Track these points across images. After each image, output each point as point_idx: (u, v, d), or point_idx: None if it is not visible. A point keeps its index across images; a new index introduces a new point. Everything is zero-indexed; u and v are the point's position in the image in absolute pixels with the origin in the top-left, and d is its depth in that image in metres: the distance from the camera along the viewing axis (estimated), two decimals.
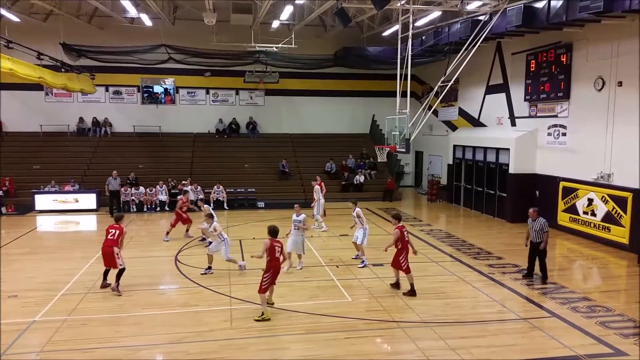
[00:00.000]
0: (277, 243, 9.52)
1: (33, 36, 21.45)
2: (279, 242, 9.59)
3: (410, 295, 10.59)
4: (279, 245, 9.52)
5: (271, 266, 9.44)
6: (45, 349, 8.12)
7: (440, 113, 26.19)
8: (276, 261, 9.49)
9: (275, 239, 9.56)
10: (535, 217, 11.50)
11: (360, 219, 13.00)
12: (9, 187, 22.36)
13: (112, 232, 11.10)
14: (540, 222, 11.37)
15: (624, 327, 9.04)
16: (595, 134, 15.78)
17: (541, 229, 11.35)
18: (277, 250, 9.45)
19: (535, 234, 11.49)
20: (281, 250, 9.54)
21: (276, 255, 9.46)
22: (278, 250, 9.47)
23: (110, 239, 11.01)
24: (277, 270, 9.57)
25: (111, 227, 11.22)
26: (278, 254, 9.48)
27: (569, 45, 16.82)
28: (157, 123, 27.48)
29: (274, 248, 9.44)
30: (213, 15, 20.12)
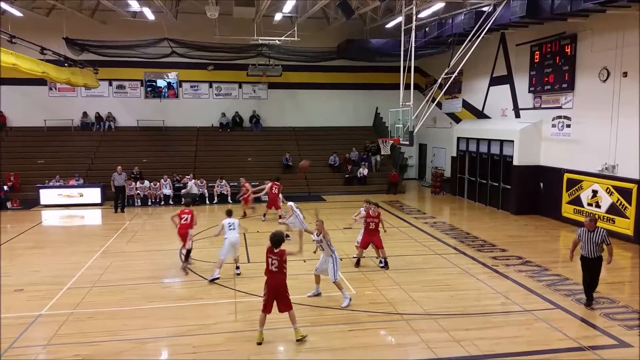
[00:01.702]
0: (272, 254, 8.11)
1: (36, 31, 21.47)
2: (278, 253, 8.10)
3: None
4: (274, 258, 8.09)
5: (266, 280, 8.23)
6: (51, 342, 8.19)
7: (444, 105, 26.11)
8: (268, 274, 8.17)
9: (275, 248, 8.10)
10: (593, 227, 9.33)
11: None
12: (14, 182, 22.46)
13: (184, 217, 12.12)
14: (601, 233, 9.23)
15: (628, 319, 9.03)
16: (600, 125, 15.70)
17: (603, 241, 9.21)
18: (270, 263, 8.11)
19: (594, 248, 9.27)
20: (279, 264, 8.04)
21: (270, 267, 8.13)
22: (273, 262, 8.08)
23: (184, 223, 12.04)
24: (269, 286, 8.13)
25: (183, 212, 12.22)
26: (273, 266, 8.08)
27: (573, 35, 16.70)
28: (160, 117, 27.51)
29: (267, 259, 8.17)
30: (215, 9, 20.08)
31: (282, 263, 8.07)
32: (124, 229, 16.99)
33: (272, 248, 8.11)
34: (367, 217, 12.01)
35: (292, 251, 8.40)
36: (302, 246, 8.77)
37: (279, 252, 8.09)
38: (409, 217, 18.91)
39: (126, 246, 14.65)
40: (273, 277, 8.13)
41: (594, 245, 9.26)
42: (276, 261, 8.07)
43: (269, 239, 8.18)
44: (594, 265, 9.39)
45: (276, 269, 8.08)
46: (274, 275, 8.12)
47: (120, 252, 13.95)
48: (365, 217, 12.04)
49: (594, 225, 9.35)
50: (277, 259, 8.07)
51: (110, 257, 13.37)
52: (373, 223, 11.98)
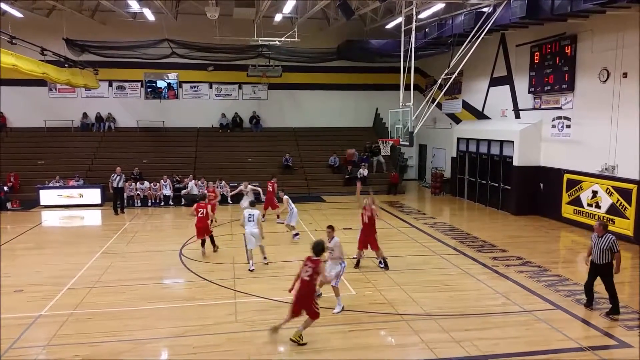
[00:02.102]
0: (309, 262, 8.14)
1: (36, 32, 21.48)
2: (315, 261, 8.11)
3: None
4: (310, 266, 8.10)
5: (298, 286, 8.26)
6: (51, 342, 8.19)
7: (444, 106, 26.12)
8: (301, 282, 8.13)
9: (314, 257, 8.15)
10: (602, 232, 9.23)
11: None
12: (14, 183, 22.47)
13: (201, 211, 13.15)
14: (609, 239, 9.10)
15: (628, 319, 9.03)
16: (600, 126, 15.70)
17: (610, 247, 9.08)
18: (304, 271, 8.12)
19: (600, 253, 9.17)
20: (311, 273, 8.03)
21: (302, 276, 8.11)
22: (307, 270, 8.08)
23: (201, 217, 13.13)
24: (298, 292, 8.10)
25: (199, 206, 13.24)
26: (306, 274, 8.06)
27: (573, 36, 16.71)
28: (160, 118, 27.53)
29: (303, 266, 8.20)
30: (216, 9, 20.09)
31: (315, 273, 8.08)
32: (124, 230, 16.99)
33: (311, 256, 8.17)
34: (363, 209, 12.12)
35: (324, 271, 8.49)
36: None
37: (315, 262, 8.12)
38: (409, 217, 18.91)
39: (126, 247, 14.64)
40: (303, 285, 8.12)
41: (601, 250, 9.15)
42: (310, 269, 8.08)
43: (311, 248, 8.23)
44: (602, 270, 9.23)
45: (308, 277, 8.07)
46: (305, 284, 8.11)
47: (120, 252, 13.95)
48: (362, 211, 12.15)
49: (603, 230, 9.23)
50: (312, 267, 8.08)
51: (110, 257, 13.36)
52: (366, 216, 12.03)
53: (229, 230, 16.48)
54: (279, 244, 14.52)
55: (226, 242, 14.86)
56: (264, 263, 12.42)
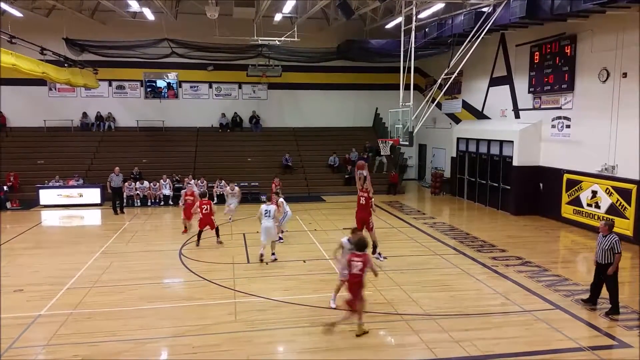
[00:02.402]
0: (356, 257, 8.39)
1: (36, 31, 21.44)
2: (362, 256, 8.41)
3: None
4: (359, 260, 8.34)
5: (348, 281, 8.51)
6: (50, 342, 8.18)
7: (444, 106, 26.12)
8: (351, 277, 8.40)
9: (360, 252, 8.47)
10: (606, 232, 9.28)
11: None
12: (14, 182, 22.46)
13: (205, 207, 14.17)
14: (612, 239, 9.12)
15: (628, 319, 9.04)
16: (600, 126, 15.70)
17: (611, 248, 9.10)
18: (354, 266, 8.33)
19: (602, 253, 9.22)
20: (362, 267, 8.29)
21: (353, 270, 8.35)
22: (356, 265, 8.31)
23: (206, 212, 14.15)
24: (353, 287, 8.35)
25: (202, 203, 14.27)
26: (356, 269, 8.31)
27: (573, 36, 16.71)
28: (160, 117, 27.52)
29: (351, 262, 8.40)
30: (215, 9, 20.07)
31: (364, 266, 8.33)
32: (124, 229, 16.99)
33: (355, 253, 8.51)
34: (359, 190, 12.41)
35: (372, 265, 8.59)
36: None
37: (362, 255, 8.43)
38: (409, 217, 18.91)
39: (126, 246, 14.64)
40: (356, 278, 8.36)
41: (603, 250, 9.20)
42: (360, 263, 8.33)
43: (354, 246, 8.63)
44: (604, 270, 9.25)
45: (359, 271, 8.34)
46: (357, 277, 8.36)
47: (120, 252, 13.94)
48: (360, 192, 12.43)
49: (607, 230, 9.27)
50: (361, 260, 8.35)
51: (110, 257, 13.36)
52: (363, 198, 12.34)
53: (228, 230, 16.47)
54: (278, 245, 14.50)
55: (226, 241, 14.86)
56: (271, 259, 12.75)
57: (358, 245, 8.63)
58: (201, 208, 14.27)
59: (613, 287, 9.24)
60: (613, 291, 9.24)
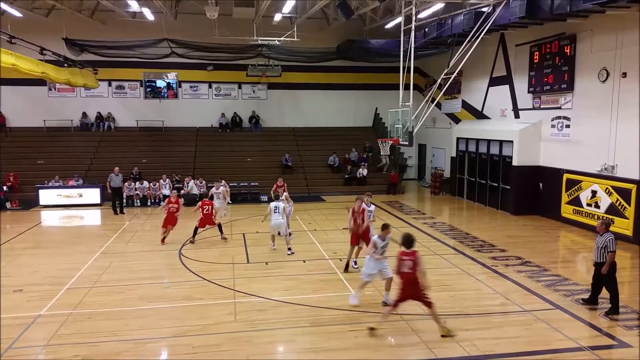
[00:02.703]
0: (405, 255, 8.28)
1: (35, 31, 21.41)
2: (411, 253, 8.28)
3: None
4: (409, 259, 8.23)
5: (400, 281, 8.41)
6: (51, 342, 8.18)
7: (444, 105, 26.12)
8: (404, 276, 8.26)
9: (408, 249, 8.33)
10: (603, 230, 9.33)
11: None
12: (14, 182, 22.45)
13: (206, 208, 14.51)
14: (606, 238, 9.15)
15: (627, 319, 9.04)
16: (599, 126, 15.71)
17: (605, 246, 9.12)
18: (403, 265, 8.22)
19: (597, 252, 9.27)
20: (412, 265, 8.16)
21: (403, 269, 8.24)
22: (406, 264, 8.20)
23: (207, 213, 14.45)
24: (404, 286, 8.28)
25: (204, 204, 14.63)
26: (406, 267, 8.19)
27: (572, 36, 16.71)
28: (160, 117, 27.52)
29: (400, 261, 8.29)
30: (215, 9, 20.07)
31: (415, 264, 8.17)
32: (124, 229, 16.99)
33: (404, 250, 8.32)
34: (352, 213, 11.78)
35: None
36: None
37: (412, 253, 8.27)
38: (409, 217, 18.92)
39: (126, 246, 14.64)
40: (407, 278, 8.23)
41: (598, 249, 9.26)
42: (410, 262, 8.19)
43: (402, 241, 8.39)
44: (599, 269, 9.33)
45: (410, 269, 8.19)
46: (409, 276, 8.22)
47: (119, 252, 13.94)
48: (351, 214, 11.81)
49: (604, 229, 9.32)
50: (412, 259, 8.20)
51: (110, 257, 13.36)
52: (359, 219, 11.81)
53: (228, 230, 16.46)
54: (277, 245, 14.51)
55: (225, 242, 14.86)
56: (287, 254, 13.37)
57: (405, 242, 8.40)
58: (202, 208, 14.49)
59: (612, 286, 9.24)
60: (612, 291, 9.24)
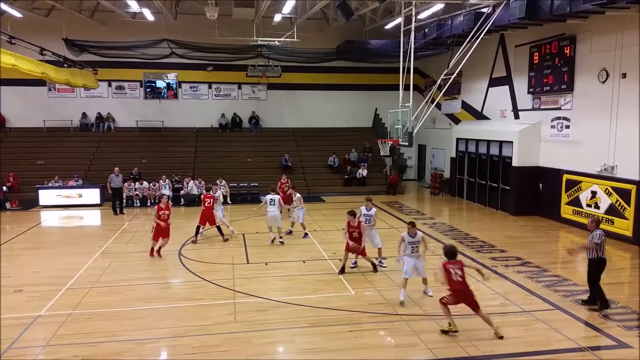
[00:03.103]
0: (452, 264, 8.44)
1: (35, 32, 21.44)
2: (457, 262, 8.50)
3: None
4: (456, 267, 8.40)
5: (452, 290, 8.46)
6: (50, 342, 8.18)
7: (443, 106, 26.13)
8: (457, 285, 8.35)
9: (452, 260, 8.52)
10: (592, 227, 9.45)
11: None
12: (13, 183, 22.44)
13: (207, 201, 14.75)
14: (594, 234, 9.34)
15: (627, 320, 9.04)
16: (599, 127, 15.71)
17: (591, 238, 9.37)
18: (454, 274, 8.36)
19: (589, 249, 9.50)
20: (462, 274, 8.40)
21: (454, 278, 8.35)
22: (457, 272, 8.37)
23: (207, 205, 14.71)
24: (460, 295, 8.40)
25: (206, 197, 14.89)
26: (457, 277, 8.35)
27: (572, 37, 16.72)
28: (159, 118, 27.52)
29: (449, 271, 8.40)
30: (215, 10, 20.08)
31: (464, 272, 8.42)
32: (123, 230, 16.99)
33: (449, 260, 8.53)
34: (348, 227, 11.56)
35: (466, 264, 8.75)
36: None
37: (458, 262, 8.52)
38: (409, 217, 18.89)
39: (125, 247, 14.64)
40: (460, 287, 8.40)
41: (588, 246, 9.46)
42: (459, 270, 8.40)
43: (445, 254, 8.64)
44: (590, 265, 9.53)
45: (460, 278, 8.38)
46: (461, 285, 8.40)
47: (119, 252, 13.94)
48: (346, 227, 11.59)
49: (594, 226, 9.45)
50: (460, 267, 8.44)
51: (110, 257, 13.36)
52: (356, 232, 11.54)
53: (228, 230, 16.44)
54: (278, 246, 14.53)
55: (225, 242, 14.86)
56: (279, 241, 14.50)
57: (448, 253, 8.65)
58: (204, 201, 14.86)
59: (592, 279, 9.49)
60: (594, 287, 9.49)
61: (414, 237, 10.11)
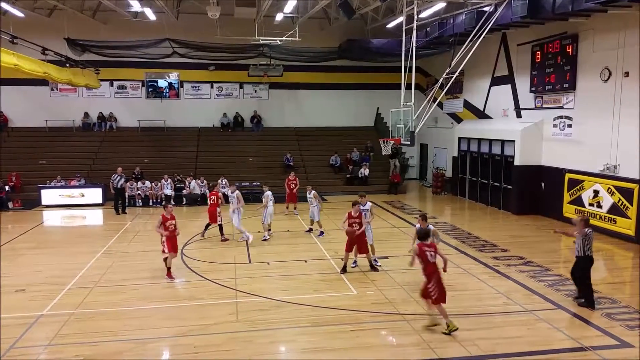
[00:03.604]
0: (428, 247, 8.62)
1: (37, 31, 21.49)
2: (430, 245, 8.74)
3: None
4: (430, 250, 8.60)
5: (429, 273, 8.52)
6: (53, 342, 8.20)
7: (445, 105, 26.07)
8: (431, 267, 8.49)
9: (426, 242, 8.75)
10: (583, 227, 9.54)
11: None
12: (16, 182, 22.49)
13: (212, 198, 15.07)
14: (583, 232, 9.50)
15: (629, 319, 9.02)
16: (601, 125, 15.67)
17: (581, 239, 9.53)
18: (429, 255, 8.50)
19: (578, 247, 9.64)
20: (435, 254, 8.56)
21: (430, 260, 8.49)
22: (431, 255, 8.51)
23: (212, 203, 14.95)
24: (436, 277, 8.47)
25: (211, 194, 15.27)
26: (432, 258, 8.51)
27: (574, 35, 16.68)
28: (161, 117, 27.54)
29: (425, 252, 8.53)
30: (217, 9, 20.08)
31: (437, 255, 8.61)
32: (126, 230, 17.01)
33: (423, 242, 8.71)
34: (348, 217, 11.60)
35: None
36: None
37: (432, 245, 8.80)
38: (410, 217, 18.89)
39: (128, 246, 14.66)
40: (435, 269, 8.54)
41: (578, 244, 9.60)
42: (434, 253, 8.58)
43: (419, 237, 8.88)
44: (579, 262, 9.69)
45: (434, 260, 8.57)
46: (435, 267, 8.56)
47: (121, 252, 13.96)
48: (347, 218, 11.62)
49: (583, 225, 9.56)
50: (434, 250, 8.63)
51: (112, 257, 13.38)
52: (356, 224, 11.57)
53: (229, 230, 16.46)
54: (280, 246, 14.55)
55: (227, 242, 14.88)
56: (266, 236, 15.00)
57: (423, 235, 8.89)
58: (210, 198, 15.31)
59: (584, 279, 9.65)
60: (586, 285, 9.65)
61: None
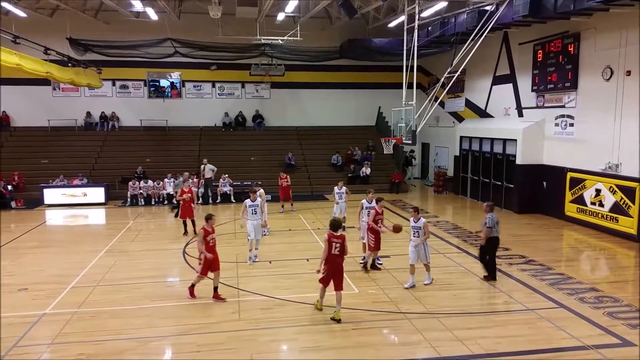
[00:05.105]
0: (336, 238, 8.94)
1: (39, 31, 21.54)
2: (340, 237, 8.99)
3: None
4: (338, 241, 8.91)
5: (328, 261, 8.98)
6: (55, 341, 8.23)
7: (447, 104, 26.06)
8: (333, 257, 8.91)
9: (335, 233, 9.01)
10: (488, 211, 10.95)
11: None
12: (18, 182, 22.56)
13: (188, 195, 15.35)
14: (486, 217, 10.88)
15: (631, 318, 9.02)
16: (603, 124, 15.66)
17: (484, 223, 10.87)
18: (334, 246, 8.87)
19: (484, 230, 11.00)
20: (341, 247, 8.91)
21: (333, 251, 8.88)
22: (337, 246, 8.88)
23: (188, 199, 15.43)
24: (334, 267, 8.95)
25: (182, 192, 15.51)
26: (336, 250, 8.88)
27: (576, 34, 16.66)
28: (163, 117, 27.58)
29: (332, 243, 8.90)
30: (218, 9, 20.08)
31: (344, 247, 8.94)
32: (128, 228, 17.05)
33: (333, 233, 8.99)
34: (375, 215, 11.80)
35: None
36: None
37: (341, 236, 8.99)
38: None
39: (130, 245, 14.70)
40: (336, 259, 8.97)
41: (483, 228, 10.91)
42: (339, 245, 8.90)
43: (330, 227, 9.11)
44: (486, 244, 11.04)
45: (338, 252, 8.92)
46: (337, 258, 8.98)
47: (124, 251, 14.00)
48: (374, 215, 11.79)
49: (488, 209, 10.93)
50: (341, 241, 8.93)
51: (114, 256, 13.42)
52: (380, 218, 11.95)
53: (232, 228, 16.51)
54: (283, 244, 14.56)
55: (229, 241, 14.90)
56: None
57: (334, 226, 9.13)
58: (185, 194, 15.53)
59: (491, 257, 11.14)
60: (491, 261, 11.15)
61: (417, 223, 10.87)
